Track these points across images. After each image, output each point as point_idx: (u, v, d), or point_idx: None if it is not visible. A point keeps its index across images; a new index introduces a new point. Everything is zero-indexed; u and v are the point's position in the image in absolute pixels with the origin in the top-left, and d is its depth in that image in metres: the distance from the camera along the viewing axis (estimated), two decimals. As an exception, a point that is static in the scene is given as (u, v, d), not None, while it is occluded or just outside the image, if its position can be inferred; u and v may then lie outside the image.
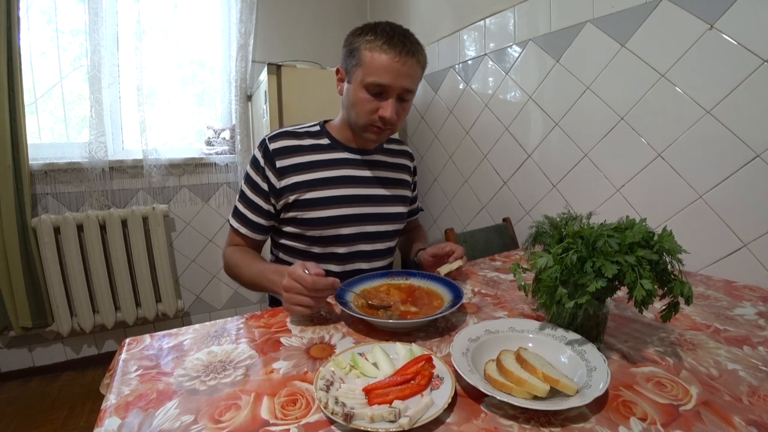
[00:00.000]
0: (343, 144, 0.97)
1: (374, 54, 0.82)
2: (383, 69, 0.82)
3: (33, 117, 1.81)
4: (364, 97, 0.85)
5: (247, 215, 0.94)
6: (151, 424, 0.46)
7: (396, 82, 0.83)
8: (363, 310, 0.71)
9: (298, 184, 0.91)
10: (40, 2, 1.78)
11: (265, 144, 0.93)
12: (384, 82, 0.82)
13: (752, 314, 0.74)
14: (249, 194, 0.94)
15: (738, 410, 0.46)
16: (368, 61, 0.82)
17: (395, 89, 0.84)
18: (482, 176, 1.76)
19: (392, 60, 0.81)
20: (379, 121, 0.86)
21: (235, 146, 2.17)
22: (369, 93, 0.84)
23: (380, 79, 0.82)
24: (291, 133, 0.95)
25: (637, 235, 0.54)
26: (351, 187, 0.95)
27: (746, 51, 0.90)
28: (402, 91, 0.85)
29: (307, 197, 0.91)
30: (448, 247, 0.93)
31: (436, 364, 0.53)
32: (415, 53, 0.84)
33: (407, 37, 0.84)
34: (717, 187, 0.98)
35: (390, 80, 0.82)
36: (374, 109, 0.86)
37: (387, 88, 0.83)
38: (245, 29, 2.08)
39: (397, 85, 0.83)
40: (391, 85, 0.83)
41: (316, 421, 0.46)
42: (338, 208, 0.93)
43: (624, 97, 1.16)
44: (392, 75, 0.82)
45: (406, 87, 0.84)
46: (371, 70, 0.82)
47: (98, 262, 1.86)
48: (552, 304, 0.57)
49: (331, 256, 0.96)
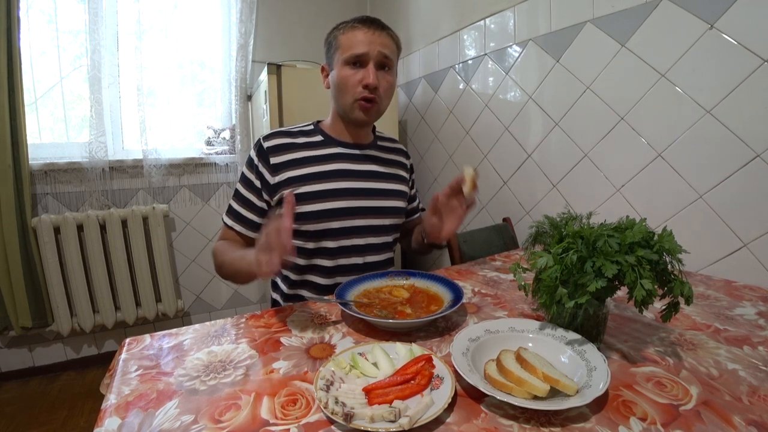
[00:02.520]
0: (336, 139, 0.99)
1: (348, 33, 0.90)
2: (357, 41, 0.89)
3: (33, 117, 1.82)
4: (346, 74, 0.90)
5: (241, 212, 0.95)
6: (151, 424, 0.46)
7: (372, 49, 0.89)
8: (363, 310, 0.71)
9: (292, 179, 0.92)
10: (40, 2, 1.78)
11: (259, 143, 0.95)
12: (360, 51, 0.88)
13: (752, 314, 0.74)
14: (243, 192, 0.96)
15: (738, 410, 0.46)
16: (343, 40, 0.90)
17: (372, 56, 0.89)
18: (482, 176, 1.75)
19: (364, 33, 0.89)
20: (364, 91, 0.90)
21: (235, 146, 2.17)
22: (350, 67, 0.90)
23: (356, 49, 0.89)
24: (285, 132, 0.98)
25: (637, 235, 0.54)
26: (344, 180, 0.96)
27: (746, 51, 0.90)
28: (379, 57, 0.90)
29: (300, 191, 0.92)
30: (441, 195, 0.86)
31: (436, 364, 0.53)
32: (386, 28, 0.92)
33: (374, 18, 0.92)
34: (717, 187, 0.98)
35: (365, 48, 0.88)
36: (358, 80, 0.90)
37: (364, 57, 0.89)
38: (245, 29, 2.08)
39: (374, 52, 0.89)
40: (367, 52, 0.89)
41: (316, 421, 0.46)
42: (330, 201, 0.94)
43: (624, 97, 1.16)
44: (366, 44, 0.89)
45: (382, 52, 0.90)
46: (347, 46, 0.90)
47: (98, 262, 1.86)
48: (552, 304, 0.57)
49: (324, 250, 0.96)
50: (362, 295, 0.78)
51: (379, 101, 0.93)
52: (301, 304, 0.81)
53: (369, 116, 0.94)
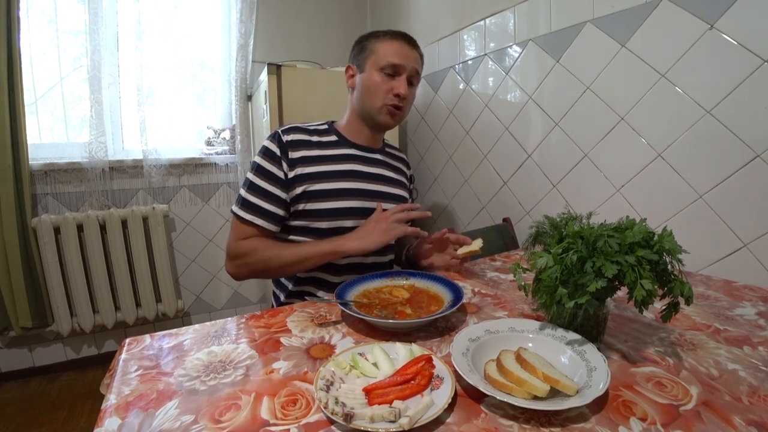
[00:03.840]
0: (350, 141, 1.02)
1: (386, 42, 0.95)
2: (395, 51, 0.94)
3: (33, 117, 1.82)
4: (379, 79, 0.94)
5: (262, 206, 0.91)
6: (151, 424, 0.46)
7: (408, 63, 0.95)
8: (363, 310, 0.71)
9: (307, 176, 0.94)
10: (40, 2, 1.78)
11: (278, 135, 0.96)
12: (398, 62, 0.94)
13: (752, 314, 0.74)
14: (263, 184, 0.92)
15: (738, 410, 0.46)
16: (381, 48, 0.95)
17: (406, 69, 0.95)
18: (482, 176, 1.76)
19: (402, 45, 0.95)
20: (394, 98, 0.95)
21: (235, 146, 2.17)
22: (383, 74, 0.94)
23: (395, 59, 0.94)
24: (302, 128, 1.00)
25: (637, 235, 0.54)
26: (357, 181, 0.98)
27: (746, 51, 0.90)
28: (412, 72, 0.96)
29: (315, 188, 0.94)
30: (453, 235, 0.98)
31: (436, 364, 0.53)
32: (417, 48, 0.99)
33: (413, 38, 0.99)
34: (717, 187, 0.98)
35: (403, 60, 0.94)
36: (389, 88, 0.94)
37: (399, 69, 0.94)
38: (245, 29, 2.08)
39: (410, 66, 0.95)
40: (404, 64, 0.94)
41: (316, 421, 0.46)
42: (344, 201, 0.96)
43: (624, 97, 1.16)
44: (404, 56, 0.94)
45: (416, 68, 0.96)
46: (385, 54, 0.94)
47: (98, 262, 1.86)
48: (552, 304, 0.57)
49: None
50: (362, 295, 0.78)
51: (405, 110, 0.99)
52: (301, 304, 0.81)
53: (395, 121, 0.99)
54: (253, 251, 0.90)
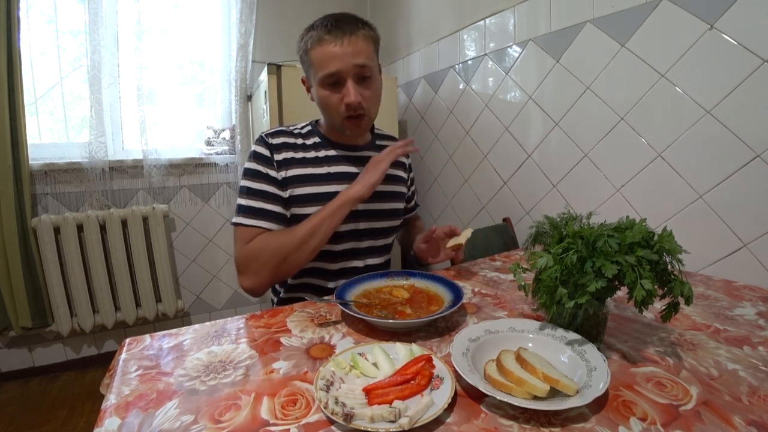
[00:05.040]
0: (334, 141, 0.98)
1: (317, 49, 0.83)
2: (326, 58, 0.82)
3: (33, 117, 1.82)
4: (325, 94, 0.86)
5: (265, 207, 0.89)
6: (151, 424, 0.46)
7: (345, 64, 0.82)
8: (363, 310, 0.71)
9: (292, 179, 0.91)
10: (40, 2, 1.78)
11: (264, 139, 0.93)
12: (332, 70, 0.82)
13: (752, 314, 0.74)
14: (261, 186, 0.90)
15: (738, 410, 0.46)
16: (314, 58, 0.84)
17: (347, 71, 0.83)
18: (482, 176, 1.76)
19: (332, 46, 0.82)
20: (348, 110, 0.86)
21: (235, 146, 2.17)
22: (328, 88, 0.85)
23: (328, 68, 0.82)
24: (286, 131, 0.97)
25: (637, 235, 0.54)
26: (344, 183, 0.93)
27: (746, 51, 0.90)
28: (355, 71, 0.84)
29: (301, 192, 0.91)
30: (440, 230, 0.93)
31: (436, 364, 0.53)
32: (355, 30, 0.83)
33: (345, 18, 0.84)
34: (717, 187, 0.98)
35: (337, 66, 0.82)
36: (339, 100, 0.85)
37: (338, 75, 0.83)
38: (245, 29, 2.08)
39: (348, 67, 0.82)
40: (340, 69, 0.82)
41: (316, 421, 0.46)
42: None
43: (624, 97, 1.16)
44: (337, 60, 0.82)
45: (355, 63, 0.83)
46: (319, 65, 0.84)
47: (98, 262, 1.86)
48: (552, 304, 0.57)
49: (324, 253, 0.94)
50: (362, 296, 0.78)
51: (367, 113, 0.89)
52: (301, 304, 0.81)
53: (361, 130, 0.92)
54: (263, 248, 0.84)
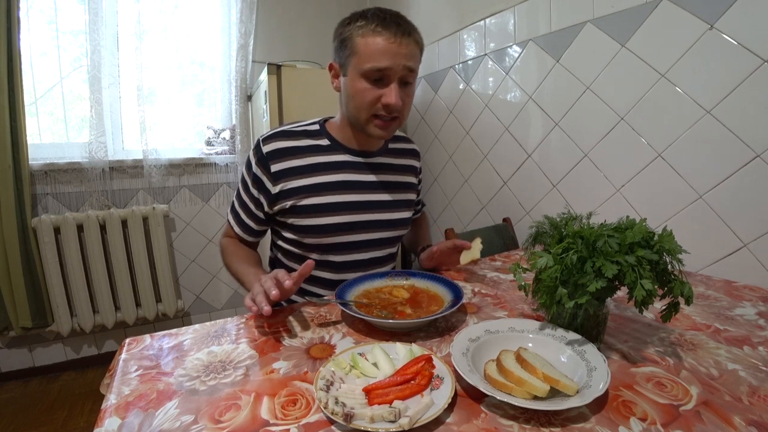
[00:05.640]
0: (344, 145, 0.92)
1: (368, 39, 0.77)
2: (380, 52, 0.76)
3: (33, 117, 1.81)
4: (363, 87, 0.79)
5: (240, 215, 0.94)
6: (151, 424, 0.46)
7: (396, 63, 0.77)
8: (363, 310, 0.71)
9: (295, 190, 0.87)
10: (40, 2, 1.78)
11: (258, 147, 0.88)
12: (383, 65, 0.76)
13: (752, 314, 0.74)
14: (242, 195, 0.93)
15: (738, 410, 0.46)
16: (362, 47, 0.77)
17: (396, 71, 0.78)
18: (482, 176, 1.76)
19: (388, 41, 0.76)
20: (383, 110, 0.80)
21: (235, 146, 2.17)
22: (368, 81, 0.79)
23: (378, 62, 0.76)
24: (287, 132, 0.90)
25: (637, 235, 0.54)
26: (351, 193, 0.90)
27: (746, 51, 0.90)
28: (404, 73, 0.79)
29: (305, 203, 0.87)
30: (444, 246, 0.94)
31: (436, 364, 0.53)
32: (411, 32, 0.79)
33: (400, 17, 0.79)
34: (717, 187, 0.98)
35: (389, 62, 0.76)
36: (376, 98, 0.79)
37: (387, 72, 0.77)
38: (245, 29, 2.08)
39: (398, 66, 0.77)
40: (391, 67, 0.77)
41: (316, 421, 0.46)
42: (337, 216, 0.89)
43: (624, 97, 1.16)
44: (390, 56, 0.76)
45: (408, 65, 0.78)
46: (367, 56, 0.77)
47: (98, 262, 1.86)
48: (552, 304, 0.57)
49: (328, 263, 0.93)
50: (362, 296, 0.78)
51: (401, 117, 0.84)
52: (301, 304, 0.81)
53: (388, 133, 0.86)
54: (223, 249, 0.98)
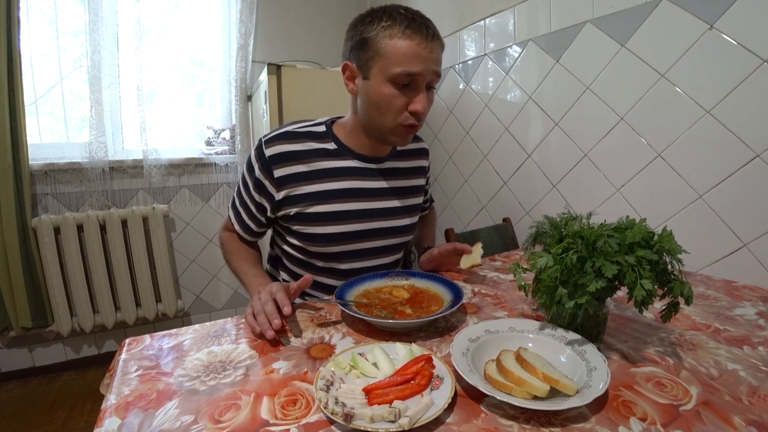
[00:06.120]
0: (353, 150, 0.88)
1: (397, 41, 0.73)
2: (411, 56, 0.73)
3: (33, 117, 1.81)
4: (390, 93, 0.76)
5: (240, 214, 0.93)
6: (151, 424, 0.46)
7: (426, 68, 0.74)
8: (363, 310, 0.71)
9: (300, 197, 0.84)
10: (40, 3, 1.78)
11: (261, 149, 0.84)
12: (415, 71, 0.73)
13: (752, 314, 0.74)
14: (243, 194, 0.91)
15: (738, 410, 0.46)
16: (391, 50, 0.73)
17: (425, 77, 0.75)
18: (482, 176, 1.76)
19: (420, 45, 0.73)
20: (410, 117, 0.78)
21: (235, 146, 2.17)
22: (395, 86, 0.75)
23: (410, 67, 0.73)
24: (290, 134, 0.85)
25: (637, 235, 0.54)
26: (359, 200, 0.87)
27: (746, 51, 0.90)
28: (432, 77, 0.77)
29: (310, 212, 0.85)
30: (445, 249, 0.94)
31: (436, 364, 0.53)
32: (438, 36, 0.77)
33: (425, 18, 0.76)
34: (717, 187, 0.98)
35: (420, 67, 0.73)
36: (404, 104, 0.77)
37: (417, 77, 0.74)
38: (245, 29, 2.08)
39: (428, 71, 0.75)
40: (421, 72, 0.74)
41: (316, 421, 0.46)
42: (343, 225, 0.87)
43: (624, 97, 1.16)
44: (421, 61, 0.73)
45: (434, 70, 0.76)
46: (397, 60, 0.73)
47: (98, 262, 1.86)
48: (552, 304, 0.57)
49: (333, 270, 0.92)
50: (362, 296, 0.78)
51: (422, 123, 0.81)
52: (301, 304, 0.81)
53: (408, 139, 0.84)
54: (223, 244, 0.98)
